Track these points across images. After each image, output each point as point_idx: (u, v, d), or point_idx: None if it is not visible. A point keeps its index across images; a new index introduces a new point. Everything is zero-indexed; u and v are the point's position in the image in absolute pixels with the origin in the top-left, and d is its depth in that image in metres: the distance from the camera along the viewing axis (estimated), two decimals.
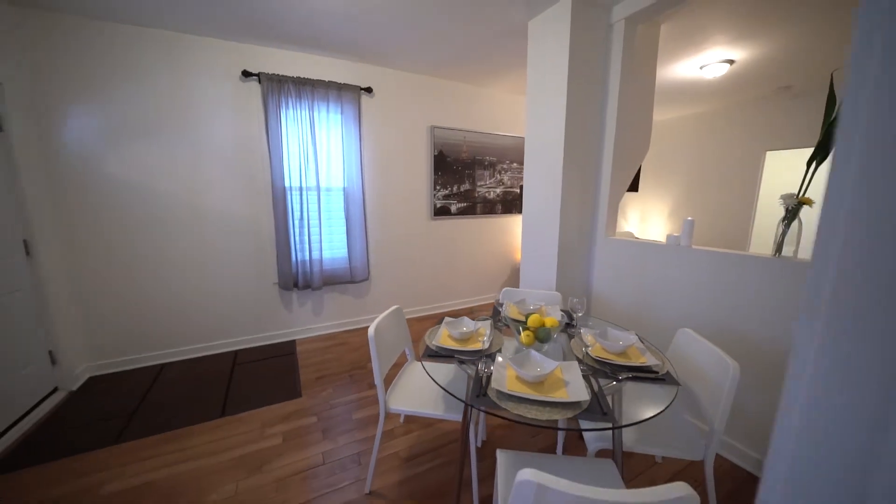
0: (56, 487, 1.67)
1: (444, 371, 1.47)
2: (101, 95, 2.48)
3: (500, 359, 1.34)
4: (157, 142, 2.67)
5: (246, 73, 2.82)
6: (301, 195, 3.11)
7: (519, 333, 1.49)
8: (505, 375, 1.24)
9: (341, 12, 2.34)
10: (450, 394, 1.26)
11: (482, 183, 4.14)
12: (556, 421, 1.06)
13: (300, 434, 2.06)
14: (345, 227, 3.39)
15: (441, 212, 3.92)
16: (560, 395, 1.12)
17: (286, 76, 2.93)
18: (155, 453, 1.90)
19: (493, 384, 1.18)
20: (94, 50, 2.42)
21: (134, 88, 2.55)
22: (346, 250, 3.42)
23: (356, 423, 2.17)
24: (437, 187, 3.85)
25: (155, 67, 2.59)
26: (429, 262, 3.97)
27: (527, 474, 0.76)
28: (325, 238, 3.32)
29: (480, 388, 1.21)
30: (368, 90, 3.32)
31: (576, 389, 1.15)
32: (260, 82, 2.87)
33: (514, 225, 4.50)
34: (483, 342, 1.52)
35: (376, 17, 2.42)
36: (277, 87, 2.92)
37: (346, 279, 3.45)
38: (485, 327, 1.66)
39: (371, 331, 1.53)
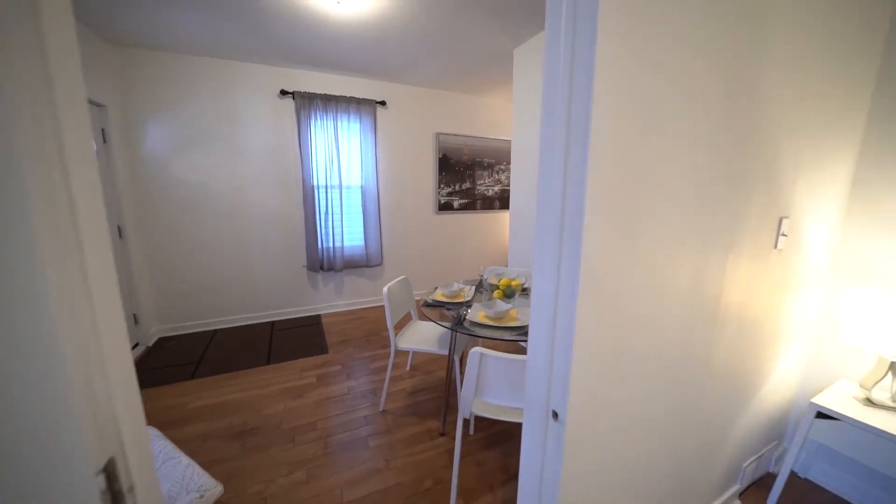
0: (150, 404, 2.31)
1: (436, 329, 2.01)
2: (171, 113, 3.13)
3: (475, 305, 1.90)
4: (211, 149, 3.31)
5: (283, 92, 3.44)
6: (326, 192, 3.72)
7: (492, 292, 2.04)
8: (477, 315, 1.80)
9: (359, 43, 2.92)
10: (438, 323, 1.83)
11: (481, 182, 4.68)
12: (505, 335, 1.61)
13: (329, 377, 2.66)
14: (362, 219, 3.99)
15: (445, 207, 4.49)
16: (510, 322, 1.67)
17: (315, 93, 3.53)
18: (222, 385, 2.53)
19: (468, 317, 1.75)
20: (166, 76, 3.07)
21: (195, 106, 3.19)
22: (363, 239, 4.02)
23: (372, 370, 2.76)
24: (442, 186, 4.42)
25: (210, 89, 3.22)
26: (434, 250, 4.54)
27: (476, 350, 1.32)
28: (346, 228, 3.92)
29: (460, 321, 1.77)
30: (383, 103, 3.90)
31: (522, 319, 1.70)
32: (294, 99, 3.49)
33: (509, 219, 5.02)
34: (465, 296, 2.08)
35: (387, 48, 2.99)
36: (308, 103, 3.52)
37: (363, 263, 4.04)
38: (468, 288, 2.22)
39: (385, 289, 2.12)
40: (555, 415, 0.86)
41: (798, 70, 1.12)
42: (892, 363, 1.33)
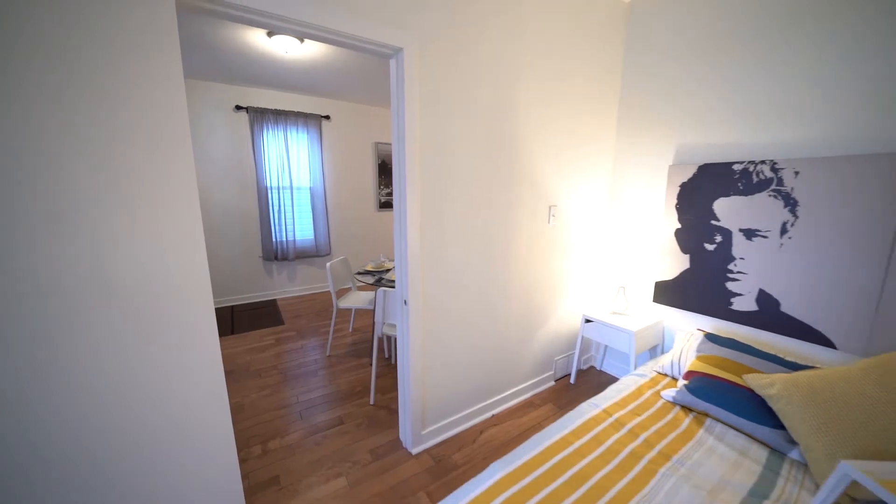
0: None
1: (369, 294, 2.80)
2: None
3: (391, 271, 2.74)
4: None
5: (238, 107, 4.02)
6: (279, 193, 4.34)
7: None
8: (389, 275, 2.62)
9: (305, 73, 3.62)
10: (364, 272, 2.63)
11: None
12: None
13: (285, 339, 3.35)
14: (311, 216, 4.65)
15: (384, 205, 5.26)
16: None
17: (267, 108, 4.15)
18: None
19: (385, 277, 2.57)
20: None
21: None
22: (312, 232, 4.68)
23: (321, 333, 3.48)
24: (381, 187, 5.19)
25: None
26: (374, 240, 5.29)
27: (381, 289, 2.15)
28: (298, 223, 4.56)
29: (380, 280, 2.58)
30: (327, 117, 4.60)
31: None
32: (248, 113, 4.08)
33: None
34: (386, 266, 2.91)
35: (328, 76, 3.71)
36: (261, 117, 4.13)
37: (313, 253, 4.71)
38: (388, 261, 3.05)
39: (328, 265, 2.87)
40: (405, 302, 1.71)
41: (546, 106, 2.07)
42: (621, 287, 2.36)
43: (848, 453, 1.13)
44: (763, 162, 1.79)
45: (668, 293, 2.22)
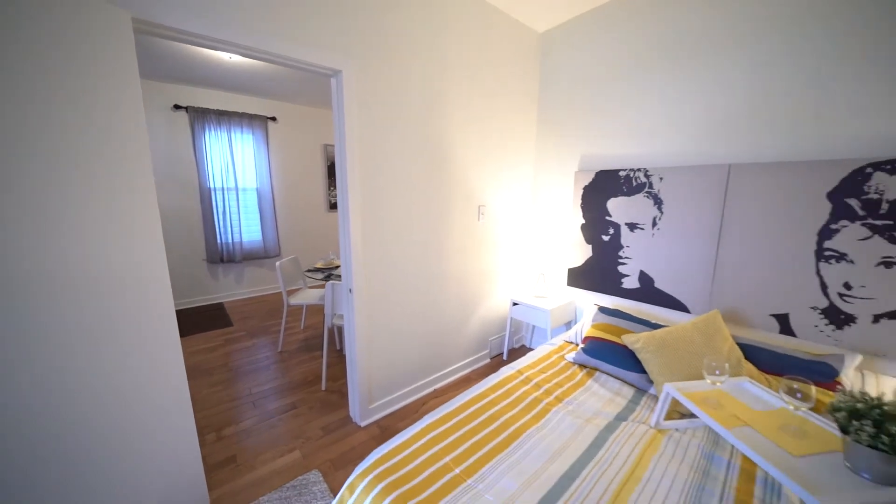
0: None
1: (319, 291, 2.97)
2: None
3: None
4: None
5: (176, 106, 3.93)
6: (223, 194, 4.29)
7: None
8: (338, 270, 2.81)
9: (249, 76, 3.66)
10: (314, 270, 2.79)
11: None
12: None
13: (235, 340, 3.38)
14: (259, 217, 4.64)
15: (335, 206, 5.36)
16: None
17: (209, 108, 4.09)
18: None
19: (334, 273, 2.76)
20: None
21: None
22: (260, 234, 4.67)
23: (273, 332, 3.55)
24: (331, 189, 5.29)
25: None
26: (325, 241, 5.36)
27: (329, 283, 2.34)
28: (244, 225, 4.53)
29: (329, 275, 2.76)
30: (273, 118, 4.61)
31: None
32: (188, 112, 4.00)
33: None
34: (336, 263, 3.09)
35: (273, 81, 3.78)
36: (202, 116, 4.07)
37: (262, 255, 4.69)
38: (337, 259, 3.22)
39: (277, 264, 2.98)
40: (350, 290, 1.94)
41: (472, 121, 2.41)
42: (541, 274, 2.77)
43: (677, 381, 1.57)
44: (639, 170, 2.26)
45: (578, 277, 2.66)
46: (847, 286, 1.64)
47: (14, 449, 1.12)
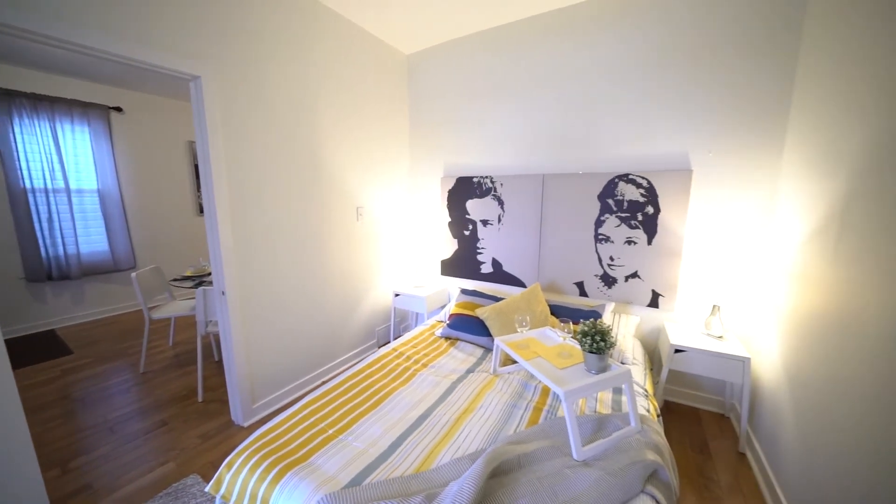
0: None
1: (189, 302, 2.78)
2: None
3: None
4: None
5: None
6: (48, 196, 3.54)
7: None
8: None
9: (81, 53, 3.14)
10: (176, 285, 2.63)
11: None
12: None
13: (78, 368, 2.89)
14: (103, 224, 3.95)
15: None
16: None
17: (16, 91, 3.33)
18: None
19: (207, 280, 2.64)
20: None
21: None
22: (107, 244, 3.98)
23: (131, 353, 3.14)
24: (201, 191, 4.80)
25: None
26: (196, 247, 4.84)
27: (200, 289, 2.27)
28: (83, 234, 3.81)
29: (202, 283, 2.63)
30: (118, 109, 3.98)
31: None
32: None
33: None
34: (207, 270, 2.93)
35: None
36: (6, 102, 3.29)
37: (109, 268, 4.01)
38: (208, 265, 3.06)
39: (133, 275, 2.69)
40: (223, 293, 1.97)
41: (345, 130, 2.63)
42: (418, 267, 3.15)
43: (506, 336, 2.08)
44: (487, 177, 2.81)
45: (449, 267, 3.13)
46: (611, 259, 2.41)
47: None
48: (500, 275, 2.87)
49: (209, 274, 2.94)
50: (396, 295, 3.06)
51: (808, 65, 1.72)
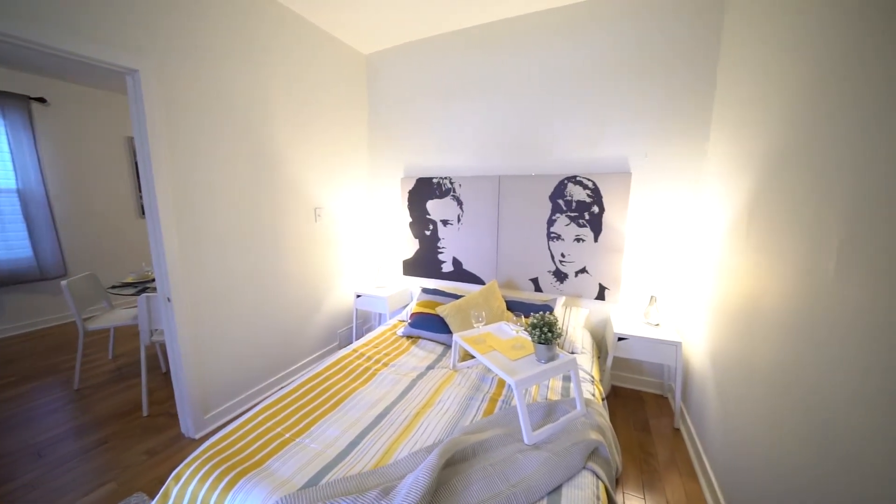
0: None
1: (133, 311, 2.59)
2: None
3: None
4: None
5: None
6: None
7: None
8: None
9: None
10: (123, 285, 2.45)
11: None
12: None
13: None
14: (25, 228, 3.56)
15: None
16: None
17: None
18: None
19: (151, 286, 2.47)
20: None
21: None
22: (30, 250, 3.60)
23: (63, 370, 2.87)
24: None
25: None
26: (139, 252, 4.49)
27: (142, 296, 2.13)
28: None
29: (146, 289, 2.46)
30: (42, 100, 3.61)
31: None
32: None
33: None
34: (151, 275, 2.75)
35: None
36: None
37: (34, 277, 3.62)
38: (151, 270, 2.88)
39: (63, 283, 2.47)
40: (168, 299, 1.87)
41: (302, 131, 2.58)
42: (379, 267, 3.15)
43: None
44: (446, 177, 2.87)
45: (411, 267, 3.16)
46: (563, 255, 2.55)
47: None
48: (460, 273, 2.94)
49: (153, 280, 2.76)
50: (358, 296, 3.04)
51: (725, 77, 1.94)
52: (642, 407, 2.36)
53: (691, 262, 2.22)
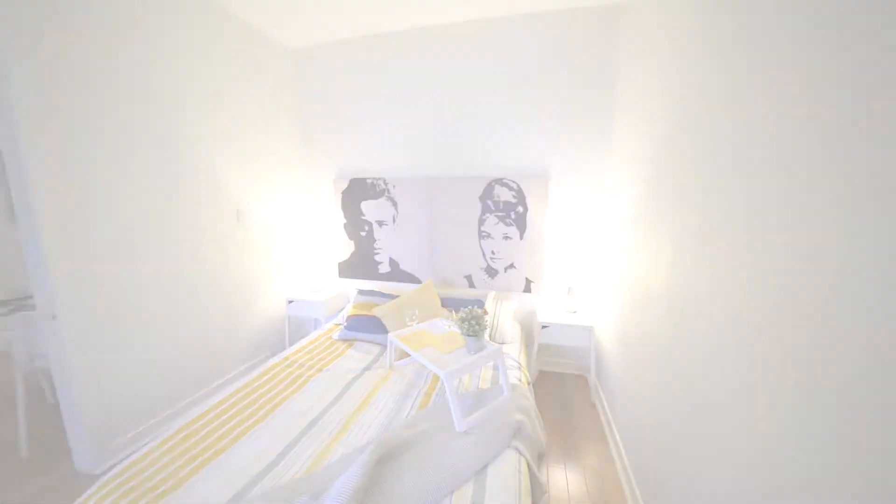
0: None
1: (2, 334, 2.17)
2: None
3: None
4: None
5: None
6: None
7: None
8: None
9: None
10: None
11: None
12: None
13: None
14: None
15: None
16: None
17: None
18: None
19: (29, 304, 2.10)
20: None
21: None
22: None
23: None
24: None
25: None
26: (7, 264, 3.78)
27: (20, 315, 1.81)
28: None
29: (21, 305, 2.09)
30: None
31: None
32: None
33: None
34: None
35: None
36: None
37: None
38: None
39: None
40: (54, 317, 1.63)
41: (220, 132, 2.40)
42: (314, 270, 3.04)
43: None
44: (381, 178, 2.87)
45: (346, 269, 3.10)
46: (493, 253, 2.72)
47: None
48: (397, 273, 2.97)
49: (31, 297, 2.33)
50: (290, 302, 2.90)
51: (622, 94, 2.23)
52: (565, 387, 2.62)
53: (601, 254, 2.51)
